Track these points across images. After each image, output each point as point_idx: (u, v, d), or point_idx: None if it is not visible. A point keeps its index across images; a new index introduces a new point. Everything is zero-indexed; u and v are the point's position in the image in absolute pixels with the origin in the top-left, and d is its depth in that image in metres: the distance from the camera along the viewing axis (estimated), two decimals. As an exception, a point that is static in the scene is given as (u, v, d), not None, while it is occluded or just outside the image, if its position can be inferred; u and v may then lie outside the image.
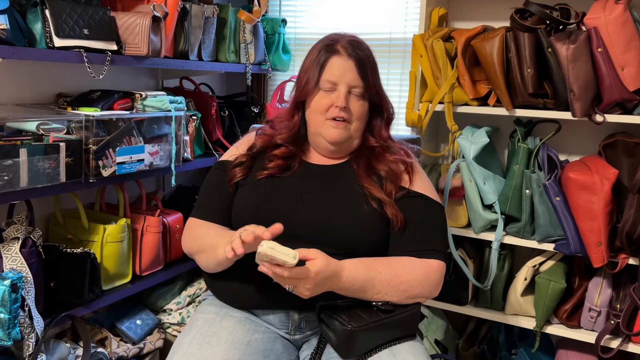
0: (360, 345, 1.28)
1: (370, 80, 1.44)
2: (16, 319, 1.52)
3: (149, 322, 2.09)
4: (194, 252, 1.45)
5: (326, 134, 1.44)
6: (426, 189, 1.46)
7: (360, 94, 1.43)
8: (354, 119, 1.43)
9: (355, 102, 1.43)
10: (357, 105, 1.43)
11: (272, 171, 1.45)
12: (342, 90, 1.41)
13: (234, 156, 1.52)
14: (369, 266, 1.30)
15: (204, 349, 1.30)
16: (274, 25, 2.52)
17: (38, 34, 1.63)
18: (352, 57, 1.42)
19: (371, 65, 1.46)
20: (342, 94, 1.41)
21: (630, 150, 1.87)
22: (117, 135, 1.78)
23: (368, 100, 1.45)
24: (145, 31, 1.80)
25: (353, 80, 1.42)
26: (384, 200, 1.38)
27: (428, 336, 2.22)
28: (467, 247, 2.13)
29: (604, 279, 1.93)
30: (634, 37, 1.72)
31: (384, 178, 1.42)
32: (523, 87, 1.87)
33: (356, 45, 1.44)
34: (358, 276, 1.27)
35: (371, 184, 1.40)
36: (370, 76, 1.44)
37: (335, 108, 1.41)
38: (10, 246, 1.59)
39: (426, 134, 2.16)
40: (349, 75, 1.42)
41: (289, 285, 1.21)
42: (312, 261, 1.20)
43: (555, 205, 1.84)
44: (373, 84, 1.45)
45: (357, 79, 1.42)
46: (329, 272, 1.22)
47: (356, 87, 1.42)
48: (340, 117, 1.42)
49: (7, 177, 1.51)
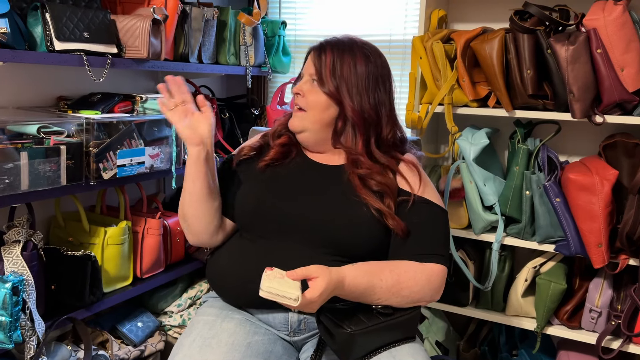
0: (359, 348, 1.27)
1: (326, 66, 1.40)
2: (17, 321, 1.52)
3: (150, 324, 2.09)
4: (182, 208, 1.45)
5: (290, 124, 1.48)
6: (430, 194, 1.44)
7: (316, 81, 1.42)
8: (308, 107, 1.43)
9: (309, 90, 1.43)
10: (311, 93, 1.42)
11: (273, 156, 1.47)
12: (304, 79, 1.45)
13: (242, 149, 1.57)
14: (370, 273, 1.29)
15: (204, 351, 1.30)
16: (274, 28, 2.52)
17: (38, 38, 1.63)
18: (317, 49, 1.44)
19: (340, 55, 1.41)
20: (301, 81, 1.45)
21: (630, 151, 1.87)
22: (118, 138, 1.78)
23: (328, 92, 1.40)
24: (145, 34, 1.80)
25: (310, 68, 1.44)
26: (384, 212, 1.36)
27: (429, 337, 2.22)
28: (467, 249, 2.13)
29: (605, 279, 1.93)
30: (633, 38, 1.73)
31: (382, 192, 1.39)
32: (523, 88, 1.87)
33: (331, 40, 1.45)
34: (359, 284, 1.26)
35: (368, 195, 1.38)
36: (329, 63, 1.40)
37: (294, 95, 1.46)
38: (11, 249, 1.59)
39: (426, 135, 2.17)
40: (310, 64, 1.44)
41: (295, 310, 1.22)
42: (314, 284, 1.18)
43: (556, 206, 1.84)
44: (330, 71, 1.40)
45: (312, 67, 1.43)
46: (332, 287, 1.20)
47: (312, 74, 1.43)
48: (296, 103, 1.45)
49: (8, 180, 1.51)
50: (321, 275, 1.19)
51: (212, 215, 1.44)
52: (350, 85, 1.40)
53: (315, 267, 1.20)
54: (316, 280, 1.18)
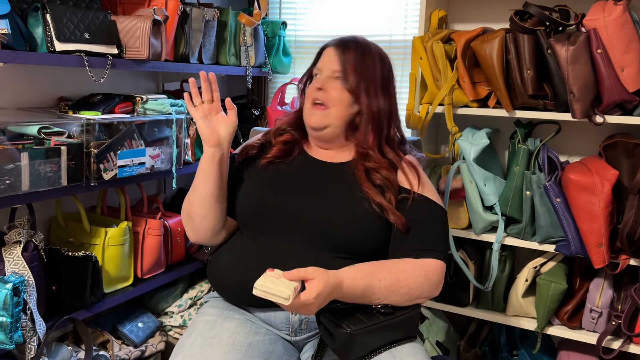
0: (360, 348, 1.27)
1: (352, 65, 1.43)
2: (18, 322, 1.52)
3: (151, 324, 2.09)
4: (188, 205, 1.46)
5: (307, 119, 1.48)
6: (429, 193, 1.45)
7: (340, 78, 1.44)
8: (331, 104, 1.44)
9: (334, 87, 1.44)
10: (336, 88, 1.44)
11: (275, 153, 1.48)
12: (323, 75, 1.46)
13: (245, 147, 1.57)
14: (368, 273, 1.28)
15: (205, 351, 1.30)
16: (274, 28, 2.52)
17: (39, 38, 1.63)
18: (340, 47, 1.46)
19: (361, 56, 1.46)
20: (322, 77, 1.46)
21: (631, 151, 1.87)
22: (118, 138, 1.78)
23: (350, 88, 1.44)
24: (145, 35, 1.80)
25: (334, 65, 1.45)
26: (385, 206, 1.37)
27: (429, 338, 2.22)
28: (467, 249, 2.13)
29: (605, 280, 1.93)
30: (633, 38, 1.73)
31: (384, 186, 1.42)
32: (523, 88, 1.87)
33: (352, 39, 1.48)
34: (357, 285, 1.26)
35: (371, 189, 1.40)
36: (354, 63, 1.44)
37: (314, 91, 1.45)
38: (12, 250, 1.59)
39: (426, 135, 2.17)
40: (332, 61, 1.45)
41: (293, 312, 1.21)
42: (310, 285, 1.17)
43: (556, 206, 1.84)
44: (354, 70, 1.43)
45: (337, 63, 1.45)
46: (329, 289, 1.19)
47: (337, 72, 1.45)
48: (317, 98, 1.44)
49: (9, 180, 1.51)
50: (318, 277, 1.18)
51: (218, 215, 1.45)
52: (371, 83, 1.46)
53: (313, 269, 1.19)
54: (312, 282, 1.17)
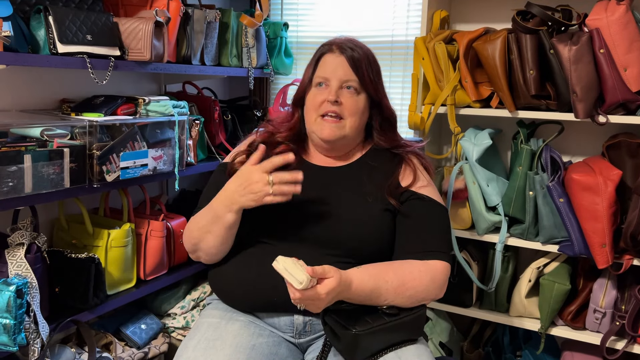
0: (365, 349, 1.27)
1: (365, 74, 1.43)
2: (21, 324, 1.52)
3: (154, 326, 2.09)
4: (197, 241, 1.43)
5: (319, 132, 1.45)
6: (430, 192, 1.46)
7: (355, 89, 1.43)
8: (347, 115, 1.43)
9: (348, 97, 1.43)
10: (351, 100, 1.43)
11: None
12: (334, 85, 1.43)
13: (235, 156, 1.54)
14: (375, 275, 1.29)
15: (209, 353, 1.30)
16: (276, 29, 2.52)
17: (41, 40, 1.63)
18: (345, 53, 1.44)
19: (367, 61, 1.45)
20: (333, 88, 1.42)
21: (634, 151, 1.87)
22: (121, 140, 1.78)
23: (366, 96, 1.45)
24: (147, 36, 1.80)
25: (345, 75, 1.43)
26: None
27: (432, 339, 2.22)
28: (470, 249, 2.13)
29: (609, 280, 1.93)
30: (636, 37, 1.72)
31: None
32: (525, 88, 1.87)
33: (350, 44, 1.46)
34: (365, 286, 1.27)
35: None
36: (366, 71, 1.44)
37: (326, 103, 1.42)
38: (15, 252, 1.59)
39: (429, 136, 2.16)
40: (341, 70, 1.43)
41: (300, 305, 1.21)
42: (325, 282, 1.18)
43: (559, 206, 1.84)
44: (369, 79, 1.44)
45: (350, 74, 1.43)
46: (339, 288, 1.21)
47: (349, 82, 1.43)
48: (332, 111, 1.42)
49: (12, 183, 1.51)
50: (335, 275, 1.20)
51: (228, 248, 1.44)
52: (379, 87, 1.48)
53: (330, 267, 1.21)
54: (329, 280, 1.19)
